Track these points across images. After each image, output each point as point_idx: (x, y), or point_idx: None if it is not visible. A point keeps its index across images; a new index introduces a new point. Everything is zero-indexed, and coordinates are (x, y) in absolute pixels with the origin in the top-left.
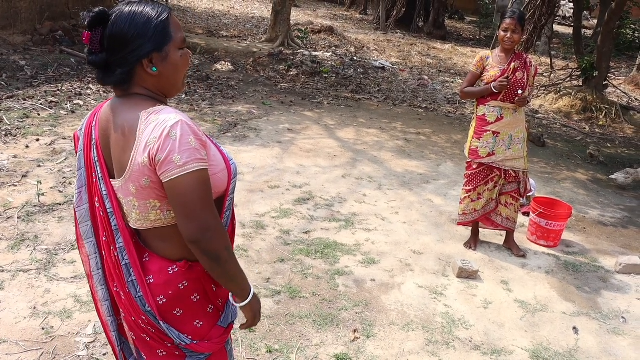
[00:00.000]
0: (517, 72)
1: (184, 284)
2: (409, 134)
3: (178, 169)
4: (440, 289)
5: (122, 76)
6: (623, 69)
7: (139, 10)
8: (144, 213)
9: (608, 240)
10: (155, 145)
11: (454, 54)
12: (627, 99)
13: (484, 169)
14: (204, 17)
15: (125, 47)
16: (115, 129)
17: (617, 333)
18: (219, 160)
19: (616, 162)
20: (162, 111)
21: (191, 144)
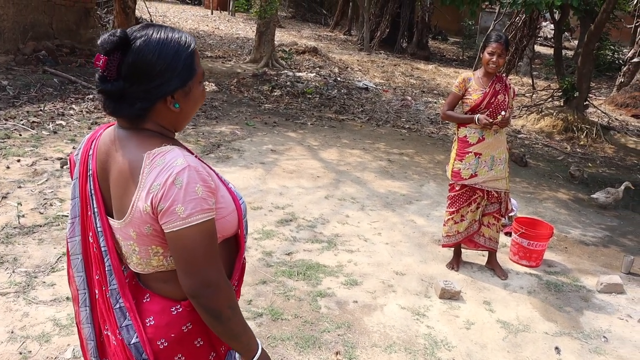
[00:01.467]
0: (498, 95)
1: (188, 326)
2: (392, 155)
3: (181, 221)
4: (423, 310)
5: (141, 111)
6: (603, 89)
7: (167, 38)
8: (145, 258)
9: (589, 259)
10: (158, 192)
11: (437, 75)
12: (608, 119)
13: (467, 190)
14: None
15: (150, 80)
16: (116, 166)
17: (598, 352)
18: (228, 201)
19: (597, 181)
20: (169, 153)
21: (197, 192)
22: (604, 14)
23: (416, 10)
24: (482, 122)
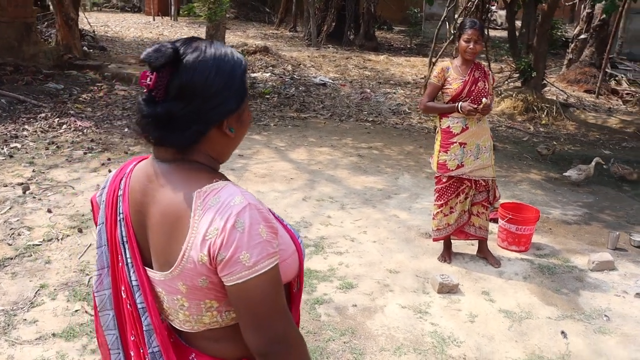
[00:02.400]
0: (478, 82)
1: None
2: (361, 149)
3: (247, 271)
4: (424, 307)
5: (195, 137)
6: (552, 67)
7: (223, 53)
8: (195, 315)
9: (575, 238)
10: (217, 239)
11: (389, 65)
12: (565, 96)
13: (454, 181)
14: (134, 46)
15: (206, 100)
16: (157, 208)
17: (603, 332)
18: (287, 242)
19: (564, 159)
20: (223, 190)
21: (262, 235)
22: None
23: (361, 2)
24: (466, 109)
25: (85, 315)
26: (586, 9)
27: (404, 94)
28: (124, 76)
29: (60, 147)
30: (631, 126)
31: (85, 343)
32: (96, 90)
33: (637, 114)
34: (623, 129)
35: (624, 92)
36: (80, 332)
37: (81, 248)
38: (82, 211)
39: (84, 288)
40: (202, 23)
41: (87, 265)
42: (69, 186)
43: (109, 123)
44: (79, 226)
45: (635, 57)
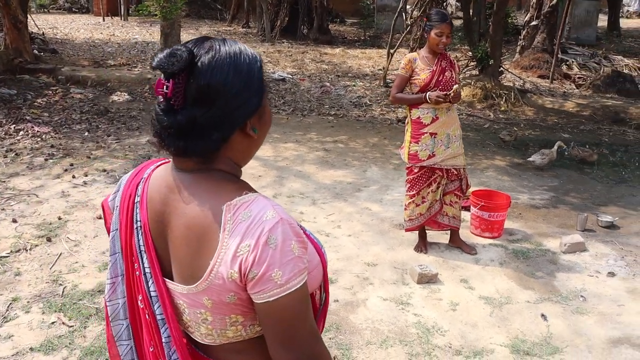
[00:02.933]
0: (445, 72)
1: None
2: (326, 143)
3: (278, 289)
4: (405, 298)
5: (219, 142)
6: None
7: (238, 51)
8: (219, 329)
9: (544, 222)
10: (249, 256)
11: (346, 57)
12: (521, 82)
13: (426, 171)
14: (85, 48)
15: (229, 103)
16: (181, 220)
17: (581, 312)
18: (312, 253)
19: (525, 144)
20: (254, 203)
21: (294, 252)
22: None
23: None
24: (433, 98)
25: (62, 327)
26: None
27: (363, 86)
28: (78, 79)
29: (19, 154)
30: (587, 109)
31: (65, 356)
32: (51, 95)
33: (591, 97)
34: (579, 112)
35: (576, 76)
36: (59, 345)
37: (51, 258)
38: (49, 219)
39: (58, 299)
40: (155, 22)
41: (60, 275)
42: (32, 194)
43: (68, 127)
44: (47, 235)
45: (582, 41)
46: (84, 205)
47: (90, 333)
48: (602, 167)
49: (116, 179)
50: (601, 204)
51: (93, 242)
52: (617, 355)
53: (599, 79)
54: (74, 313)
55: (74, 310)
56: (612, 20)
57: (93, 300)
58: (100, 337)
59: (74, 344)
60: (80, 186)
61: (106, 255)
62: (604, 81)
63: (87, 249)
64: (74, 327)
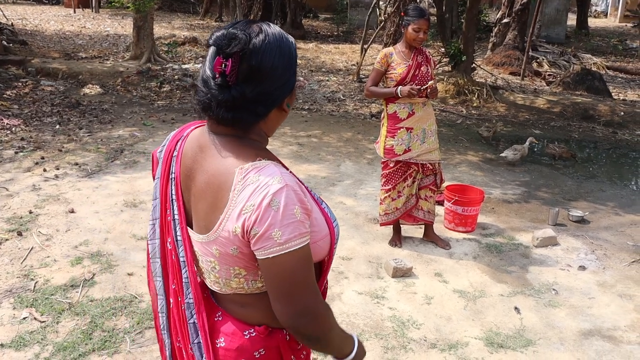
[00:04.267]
0: (421, 67)
1: (261, 352)
2: (300, 138)
3: (278, 247)
4: (380, 292)
5: (261, 116)
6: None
7: (281, 36)
8: (224, 278)
9: (517, 216)
10: (252, 215)
11: (319, 52)
12: (493, 79)
13: (401, 166)
14: (56, 40)
15: (274, 81)
16: (203, 176)
17: (553, 305)
18: (321, 225)
19: (498, 139)
20: (264, 169)
21: (296, 215)
22: None
23: None
24: (405, 92)
25: (34, 323)
26: None
27: (337, 81)
28: (49, 71)
29: None
30: (557, 106)
31: (37, 352)
32: (21, 87)
33: (561, 94)
34: (550, 109)
35: (546, 73)
36: (31, 341)
37: (22, 252)
38: (19, 213)
39: (30, 294)
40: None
41: (31, 269)
42: (2, 188)
43: (39, 120)
44: (17, 229)
45: (552, 39)
46: (56, 199)
47: (63, 328)
48: (572, 162)
49: (88, 172)
50: (571, 199)
51: (65, 236)
52: (588, 347)
53: (568, 77)
54: (46, 308)
55: (46, 305)
56: (581, 19)
57: (65, 295)
58: (73, 333)
59: (47, 340)
60: (51, 180)
61: (78, 250)
62: (573, 79)
63: (59, 243)
64: (46, 323)
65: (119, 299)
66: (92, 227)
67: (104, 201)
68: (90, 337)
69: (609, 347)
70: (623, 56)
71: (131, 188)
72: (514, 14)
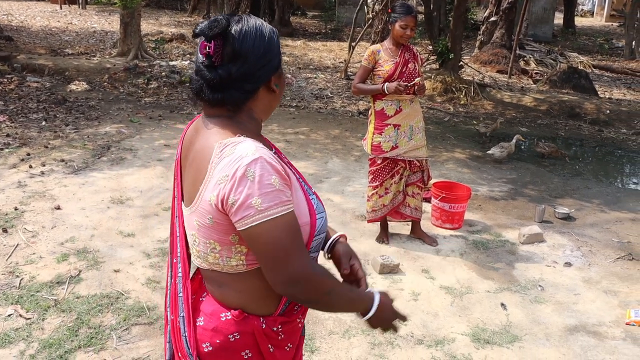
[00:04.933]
0: (409, 64)
1: (235, 335)
2: (287, 135)
3: (259, 214)
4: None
5: (249, 94)
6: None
7: (260, 24)
8: (203, 252)
9: (504, 213)
10: (226, 185)
11: (307, 50)
12: (480, 77)
13: (389, 162)
14: (42, 36)
15: (256, 62)
16: (192, 153)
17: (539, 302)
18: (303, 211)
19: (485, 137)
20: (240, 144)
21: (274, 184)
22: None
23: None
24: (392, 88)
25: (20, 320)
26: None
27: (324, 79)
28: (35, 67)
29: None
30: (544, 104)
31: (23, 349)
32: (6, 83)
33: (548, 92)
34: (537, 107)
35: (533, 71)
36: (16, 338)
37: (8, 249)
38: (4, 210)
39: (15, 291)
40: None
41: (17, 266)
42: None
43: (25, 116)
44: (3, 226)
45: (539, 38)
46: (42, 196)
47: (49, 325)
48: (558, 160)
49: (75, 169)
50: (558, 196)
51: (51, 233)
52: (573, 342)
53: (555, 75)
54: (31, 305)
55: (32, 302)
56: (567, 18)
57: (51, 291)
58: (59, 330)
59: (32, 337)
60: (37, 176)
61: (64, 247)
62: (560, 77)
63: (45, 240)
64: (32, 320)
65: (105, 296)
66: (79, 223)
67: (91, 198)
68: (76, 334)
69: (594, 342)
70: (609, 55)
71: (118, 185)
72: (501, 12)
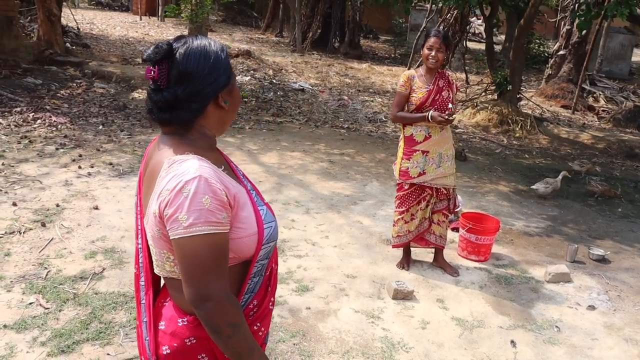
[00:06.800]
0: (442, 92)
1: (192, 340)
2: (332, 155)
3: (182, 230)
4: (377, 312)
5: (196, 113)
6: (532, 81)
7: (206, 44)
8: (160, 261)
9: (535, 250)
10: (166, 198)
11: (371, 73)
12: (540, 111)
13: (416, 188)
14: (118, 45)
15: (201, 81)
16: (149, 168)
17: (552, 343)
18: (250, 223)
19: (534, 172)
20: (186, 161)
21: (204, 204)
22: (533, 9)
23: (347, 10)
24: (437, 119)
25: (39, 308)
26: (566, 25)
27: (381, 103)
28: (104, 74)
29: (33, 141)
30: (602, 142)
31: (36, 335)
32: (75, 87)
33: (609, 130)
34: (594, 144)
35: (601, 108)
36: (32, 325)
37: (42, 242)
38: (47, 206)
39: (40, 281)
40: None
41: (47, 259)
42: (37, 180)
43: (85, 120)
44: (42, 220)
45: (614, 74)
46: (84, 195)
47: (64, 316)
48: (608, 200)
49: (120, 172)
50: (597, 237)
51: (85, 230)
52: None
53: (620, 113)
54: (52, 296)
55: (53, 294)
56: None
57: (73, 285)
58: (72, 321)
59: (46, 325)
60: (84, 177)
61: (94, 245)
62: (624, 115)
63: (78, 237)
64: (50, 310)
65: (122, 294)
66: (112, 224)
67: (128, 201)
68: (87, 327)
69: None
70: None
71: None
72: (570, 46)
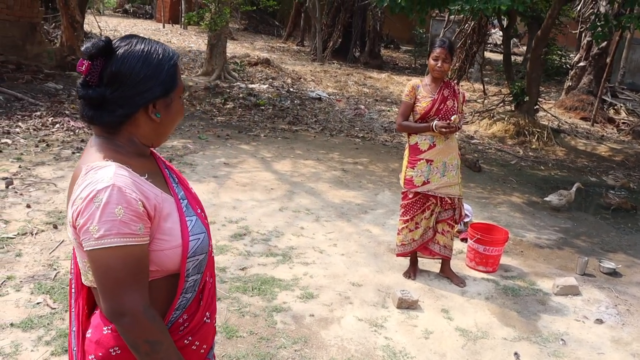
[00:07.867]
0: (447, 101)
1: (116, 350)
2: (346, 164)
3: (93, 241)
4: (380, 320)
5: (121, 118)
6: (552, 93)
7: (151, 49)
8: (83, 270)
9: (545, 262)
10: (78, 207)
11: (390, 83)
12: (558, 122)
13: (420, 197)
14: None
15: (133, 87)
16: (74, 172)
17: (557, 356)
18: (174, 234)
19: (549, 184)
20: (104, 169)
21: (117, 215)
22: (550, 20)
23: (368, 20)
24: (439, 128)
25: (46, 308)
26: (586, 37)
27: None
28: None
29: (50, 145)
30: (620, 154)
31: (41, 335)
32: None
33: (628, 142)
34: (612, 157)
35: (621, 121)
36: (38, 324)
37: (53, 244)
38: (60, 208)
39: (49, 282)
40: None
41: (57, 260)
42: (52, 183)
43: None
44: (54, 222)
45: (636, 87)
46: None
47: None
48: (624, 213)
49: None
50: (610, 250)
51: None
52: None
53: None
54: (59, 296)
55: (60, 294)
56: None
57: None
58: None
59: (52, 325)
60: None
61: None
62: None
63: None
64: (56, 310)
65: None
66: None
67: None
68: None
69: None
70: None
71: None
72: (590, 57)
